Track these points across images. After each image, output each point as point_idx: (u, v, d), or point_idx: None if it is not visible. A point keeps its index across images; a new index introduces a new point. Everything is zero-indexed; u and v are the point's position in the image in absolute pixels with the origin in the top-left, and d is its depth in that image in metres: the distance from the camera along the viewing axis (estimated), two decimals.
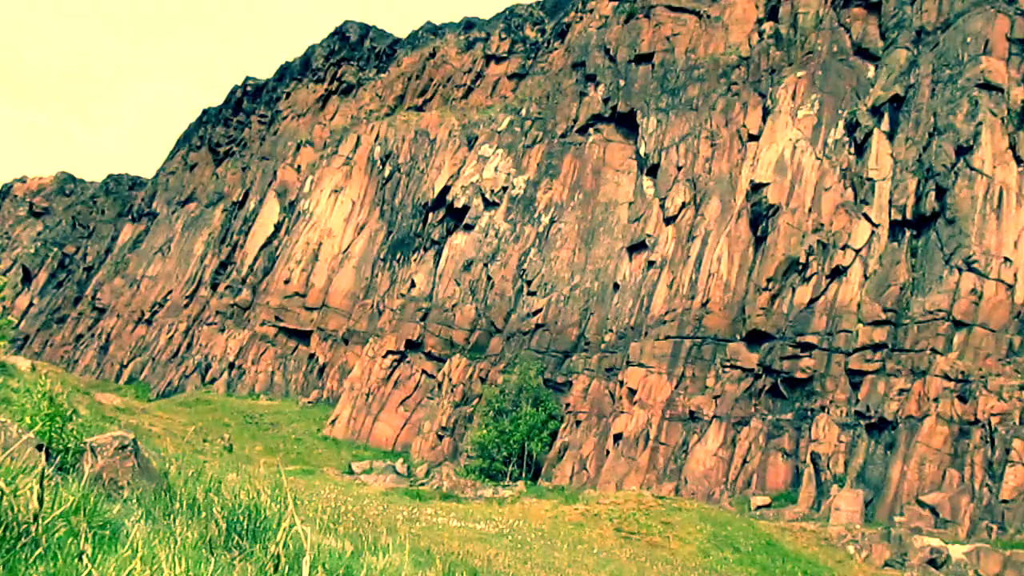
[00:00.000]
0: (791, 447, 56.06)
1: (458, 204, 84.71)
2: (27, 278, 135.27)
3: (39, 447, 10.10)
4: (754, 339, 61.16)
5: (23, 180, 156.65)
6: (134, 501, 9.70)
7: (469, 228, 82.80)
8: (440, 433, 71.31)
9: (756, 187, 65.66)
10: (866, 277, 58.52)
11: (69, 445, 10.77)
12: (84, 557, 5.54)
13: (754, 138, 69.58)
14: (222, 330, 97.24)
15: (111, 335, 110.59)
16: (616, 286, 73.17)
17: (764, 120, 69.70)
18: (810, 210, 63.39)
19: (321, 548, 9.16)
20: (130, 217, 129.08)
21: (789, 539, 39.74)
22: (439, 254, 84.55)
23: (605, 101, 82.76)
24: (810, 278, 60.76)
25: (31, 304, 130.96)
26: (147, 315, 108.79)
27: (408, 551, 11.46)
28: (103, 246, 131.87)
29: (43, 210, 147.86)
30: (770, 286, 61.68)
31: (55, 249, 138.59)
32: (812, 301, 60.01)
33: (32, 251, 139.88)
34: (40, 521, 5.79)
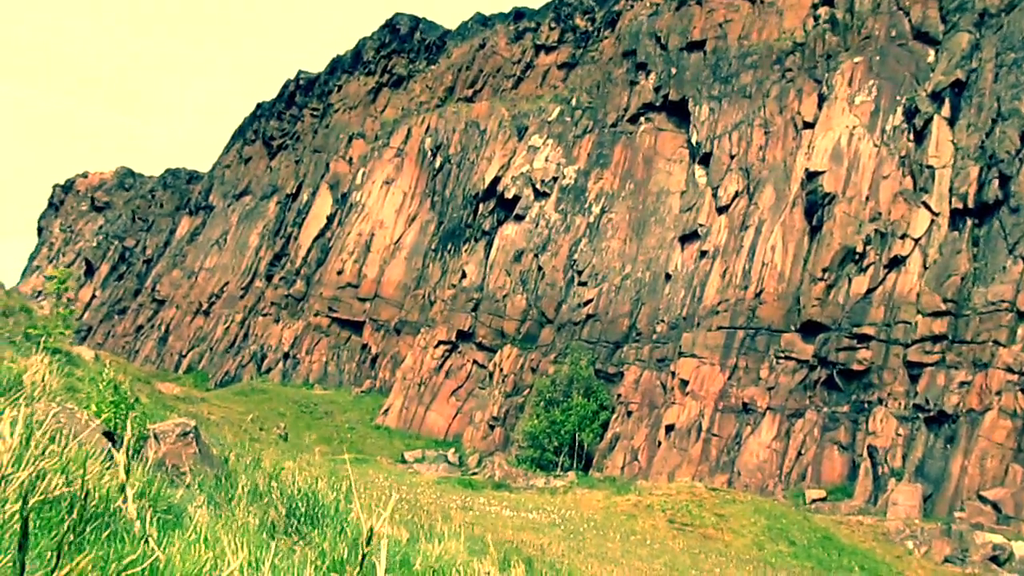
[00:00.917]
0: (847, 440, 55.17)
1: (508, 195, 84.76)
2: (90, 271, 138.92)
3: (105, 433, 10.39)
4: (809, 330, 60.21)
5: (85, 175, 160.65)
6: (196, 487, 9.92)
7: (520, 218, 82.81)
8: (491, 423, 71.63)
9: (811, 175, 64.53)
10: (926, 267, 57.21)
11: (133, 432, 11.04)
12: (151, 540, 5.67)
13: (809, 125, 68.36)
14: (277, 320, 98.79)
15: (170, 326, 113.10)
16: (668, 276, 72.60)
17: (819, 107, 68.41)
18: (867, 199, 62.12)
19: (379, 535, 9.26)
20: (187, 210, 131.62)
21: (845, 533, 39.13)
22: (490, 245, 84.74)
23: (656, 90, 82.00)
24: (867, 268, 59.58)
25: (93, 296, 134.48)
26: (204, 306, 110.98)
27: (463, 539, 11.54)
28: (161, 239, 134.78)
29: (104, 204, 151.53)
30: (826, 276, 60.62)
31: (116, 242, 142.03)
32: (869, 291, 58.87)
33: (94, 244, 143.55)
34: (109, 505, 5.95)
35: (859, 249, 60.09)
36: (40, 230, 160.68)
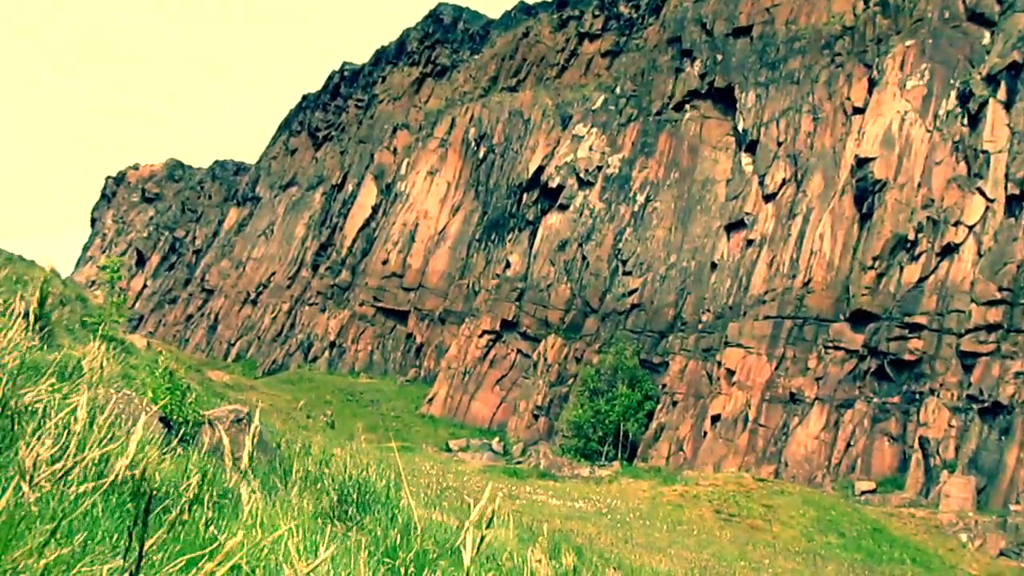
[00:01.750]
0: (898, 431, 54.26)
1: (552, 184, 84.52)
2: (141, 261, 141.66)
3: (162, 419, 10.57)
4: (859, 319, 59.24)
5: (136, 168, 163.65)
6: (250, 472, 10.05)
7: (564, 208, 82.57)
8: (535, 412, 71.70)
9: (861, 162, 63.36)
10: (980, 255, 55.90)
11: (188, 418, 11.21)
12: (211, 525, 5.73)
13: (859, 111, 67.11)
14: (323, 310, 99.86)
15: (219, 315, 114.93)
16: (713, 265, 71.91)
17: (870, 92, 67.09)
18: (919, 185, 60.85)
19: (429, 522, 9.32)
20: (235, 201, 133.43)
21: (896, 525, 38.50)
22: (534, 234, 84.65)
23: (702, 77, 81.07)
24: (919, 256, 58.41)
25: (145, 285, 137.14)
26: (252, 296, 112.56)
27: (512, 527, 11.56)
28: (210, 229, 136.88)
29: (154, 196, 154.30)
30: (876, 264, 59.55)
31: (166, 233, 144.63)
32: (921, 280, 57.72)
33: (145, 235, 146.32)
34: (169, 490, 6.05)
35: (911, 237, 58.92)
36: (93, 221, 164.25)
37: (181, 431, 9.67)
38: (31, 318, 7.17)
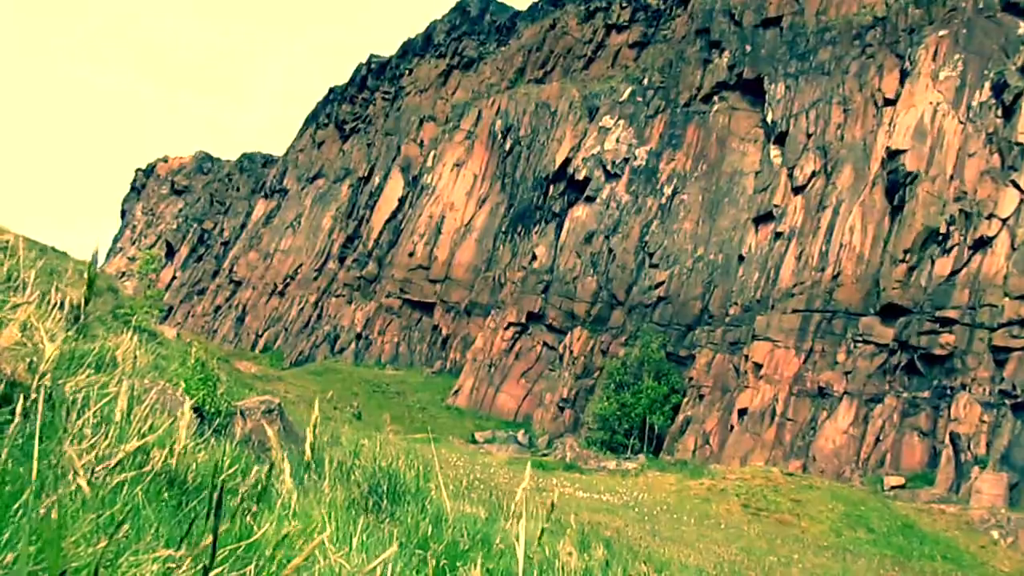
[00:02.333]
0: (928, 426, 53.63)
1: (579, 176, 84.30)
2: (170, 252, 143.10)
3: (195, 410, 10.66)
4: (889, 313, 58.59)
5: (165, 160, 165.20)
6: (281, 462, 10.12)
7: (590, 200, 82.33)
8: (561, 405, 71.68)
9: (892, 154, 62.58)
10: (1014, 248, 55.04)
11: (221, 408, 11.31)
12: (248, 514, 5.77)
13: (890, 102, 66.26)
14: (349, 302, 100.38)
15: (247, 306, 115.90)
16: (741, 258, 71.41)
17: (902, 83, 66.20)
18: (952, 177, 60.00)
19: (460, 514, 9.35)
20: (263, 193, 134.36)
21: (927, 521, 38.10)
22: (560, 227, 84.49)
23: (730, 68, 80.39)
24: (951, 249, 57.63)
25: (174, 277, 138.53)
26: (280, 287, 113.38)
27: (542, 519, 11.52)
28: (238, 221, 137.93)
29: (183, 188, 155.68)
30: (907, 258, 58.84)
31: (195, 225, 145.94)
32: (953, 274, 56.96)
33: (174, 227, 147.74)
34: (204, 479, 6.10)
35: (942, 230, 58.14)
36: (123, 213, 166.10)
37: (215, 422, 9.77)
38: (77, 305, 7.25)
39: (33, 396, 4.44)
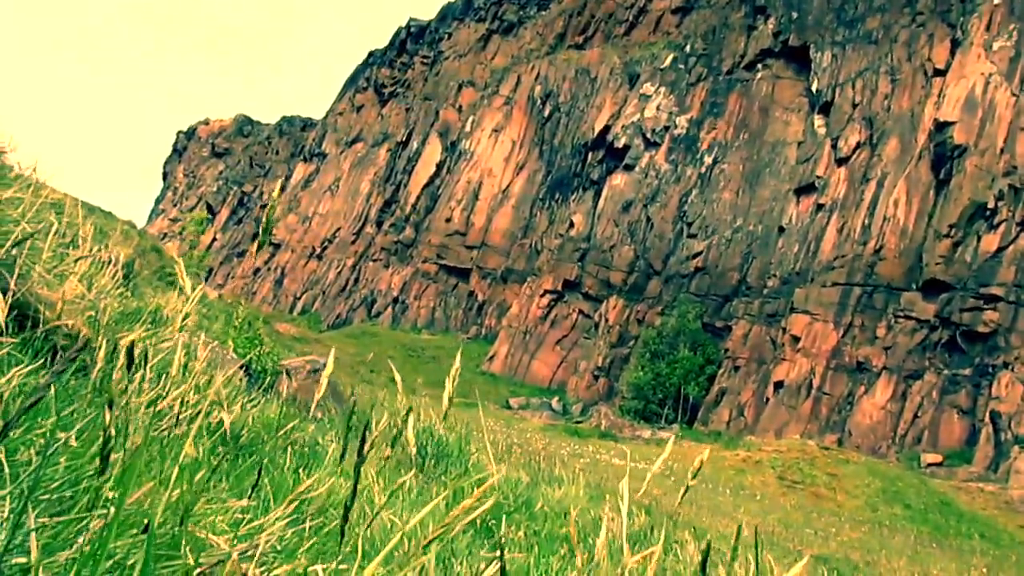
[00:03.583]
0: (968, 404, 52.91)
1: (618, 144, 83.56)
2: (210, 214, 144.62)
3: (242, 368, 10.79)
4: (931, 289, 57.63)
5: (206, 123, 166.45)
6: (326, 422, 10.29)
7: (629, 168, 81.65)
8: (595, 373, 71.71)
9: (941, 126, 61.18)
10: None
11: (266, 367, 11.43)
12: (300, 471, 5.83)
13: (940, 73, 64.66)
14: (387, 266, 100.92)
15: (285, 269, 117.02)
16: (781, 230, 70.54)
17: (952, 53, 64.52)
18: (1002, 151, 58.55)
19: (504, 477, 9.41)
20: (302, 157, 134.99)
21: (965, 499, 37.71)
22: (598, 195, 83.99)
23: (775, 35, 78.86)
24: (998, 225, 56.39)
25: (214, 239, 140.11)
26: (318, 250, 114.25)
27: (582, 484, 11.59)
28: (277, 184, 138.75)
29: (224, 151, 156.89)
30: (952, 233, 57.72)
31: (235, 187, 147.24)
32: (1000, 250, 55.78)
33: (215, 189, 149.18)
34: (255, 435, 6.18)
35: (990, 205, 56.87)
36: (165, 175, 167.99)
37: (265, 380, 9.89)
38: (128, 263, 7.35)
39: (97, 348, 4.49)
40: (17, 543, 1.54)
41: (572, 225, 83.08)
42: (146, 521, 1.82)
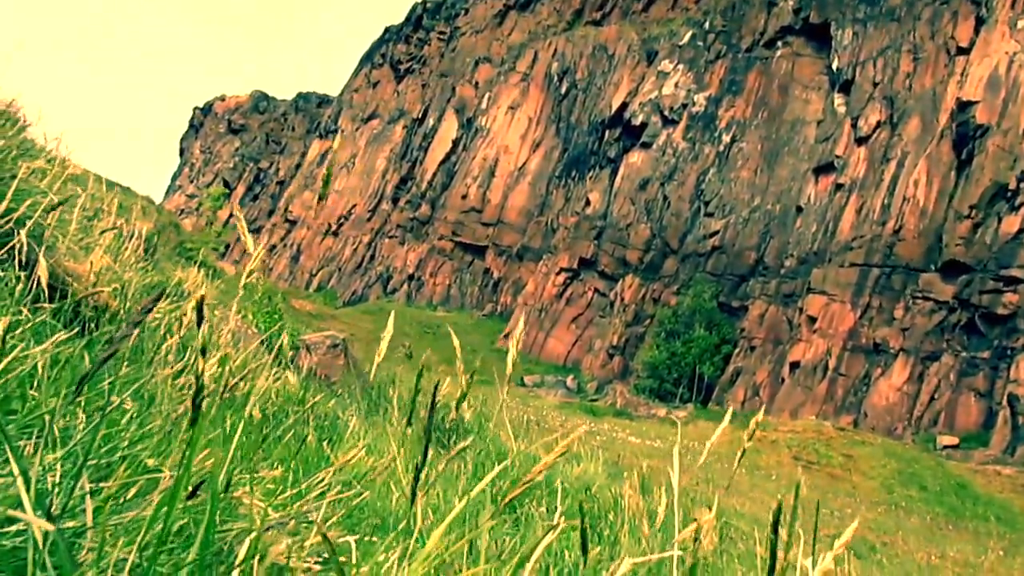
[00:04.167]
0: (985, 387, 52.58)
1: (636, 122, 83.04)
2: (227, 190, 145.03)
3: (263, 342, 10.82)
4: (951, 270, 57.15)
5: (223, 99, 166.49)
6: (346, 396, 10.33)
7: (646, 146, 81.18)
8: (610, 351, 71.71)
9: (963, 105, 60.41)
10: None
11: (288, 342, 11.45)
12: (325, 444, 5.84)
13: (964, 51, 63.75)
14: (402, 243, 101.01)
15: (301, 245, 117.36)
16: (799, 209, 70.06)
17: (976, 32, 63.58)
18: None
19: (524, 454, 9.42)
20: (318, 133, 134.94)
21: (981, 482, 37.59)
22: (615, 172, 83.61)
23: (796, 12, 77.96)
24: (1020, 206, 55.77)
25: (231, 215, 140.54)
26: (334, 227, 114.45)
27: (601, 462, 11.59)
28: (293, 161, 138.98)
29: (240, 127, 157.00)
30: (973, 214, 57.13)
31: (251, 164, 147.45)
32: (1021, 231, 55.19)
33: (231, 166, 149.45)
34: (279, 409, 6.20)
35: (1012, 186, 56.21)
36: (182, 151, 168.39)
37: (287, 355, 9.91)
38: (149, 237, 7.35)
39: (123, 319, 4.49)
40: (73, 505, 1.52)
41: (588, 203, 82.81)
42: (199, 483, 1.80)
